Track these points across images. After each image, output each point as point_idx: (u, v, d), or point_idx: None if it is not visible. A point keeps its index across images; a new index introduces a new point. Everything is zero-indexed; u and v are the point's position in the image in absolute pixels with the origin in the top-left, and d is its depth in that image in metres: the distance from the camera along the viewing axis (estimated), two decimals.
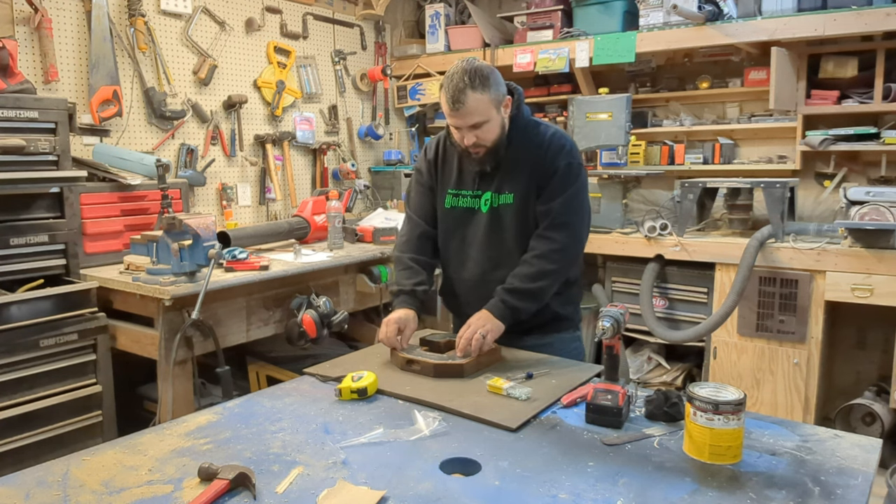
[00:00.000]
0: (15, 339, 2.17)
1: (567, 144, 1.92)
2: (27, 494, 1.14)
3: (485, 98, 1.79)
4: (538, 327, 1.98)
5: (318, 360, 1.88)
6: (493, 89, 1.80)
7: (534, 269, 1.85)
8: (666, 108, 4.06)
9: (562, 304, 2.00)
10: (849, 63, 3.32)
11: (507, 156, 1.91)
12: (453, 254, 2.04)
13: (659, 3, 3.55)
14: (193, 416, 1.49)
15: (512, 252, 1.93)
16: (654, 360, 3.67)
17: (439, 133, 2.06)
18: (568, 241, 1.88)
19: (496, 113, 1.83)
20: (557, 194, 1.88)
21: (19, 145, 2.26)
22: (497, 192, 1.94)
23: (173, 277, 2.29)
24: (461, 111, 1.79)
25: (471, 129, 1.82)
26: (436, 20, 4.39)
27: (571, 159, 1.90)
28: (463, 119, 1.81)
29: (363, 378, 1.58)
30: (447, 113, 1.83)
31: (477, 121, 1.81)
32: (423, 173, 2.09)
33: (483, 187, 1.95)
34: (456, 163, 2.01)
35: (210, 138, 3.44)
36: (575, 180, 1.89)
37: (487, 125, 1.83)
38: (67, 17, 2.88)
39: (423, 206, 2.09)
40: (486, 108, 1.80)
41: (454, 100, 1.78)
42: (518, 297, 1.84)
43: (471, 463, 1.26)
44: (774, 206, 3.17)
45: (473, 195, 1.97)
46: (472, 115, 1.79)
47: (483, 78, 1.78)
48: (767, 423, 1.43)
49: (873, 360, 3.46)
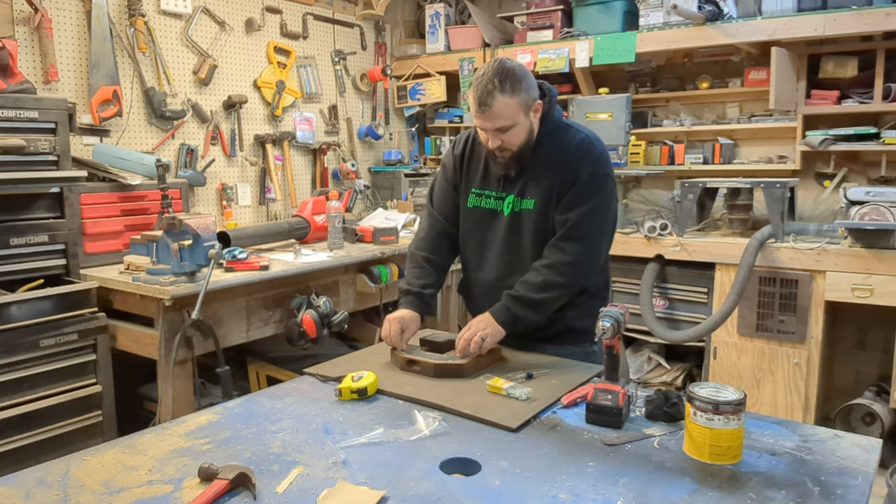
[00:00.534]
0: (15, 339, 2.17)
1: (595, 152, 1.84)
2: (27, 494, 1.14)
3: (513, 102, 1.73)
4: (552, 338, 1.92)
5: (318, 360, 1.88)
6: (524, 93, 1.75)
7: (540, 279, 1.80)
8: (666, 108, 4.06)
9: (578, 316, 1.90)
10: (849, 63, 3.32)
11: (534, 159, 1.85)
12: (472, 254, 2.00)
13: (659, 3, 3.55)
14: (193, 416, 1.49)
15: (528, 259, 1.87)
16: (654, 360, 3.67)
17: (469, 129, 2.01)
18: (581, 255, 1.81)
19: (524, 118, 1.78)
20: (578, 204, 1.80)
21: (19, 145, 2.26)
22: (520, 197, 1.88)
23: (173, 277, 2.29)
24: (487, 114, 1.74)
25: (497, 133, 1.77)
26: (436, 20, 4.39)
27: (597, 168, 1.82)
28: (490, 122, 1.76)
29: (363, 378, 1.58)
30: (474, 113, 1.78)
31: (503, 124, 1.76)
32: (449, 169, 2.03)
33: (508, 189, 1.90)
34: (483, 162, 1.95)
35: (210, 138, 3.44)
36: (598, 191, 1.81)
37: (514, 129, 1.77)
38: (67, 17, 2.88)
39: (446, 204, 2.04)
40: (514, 113, 1.75)
41: (481, 101, 1.73)
42: (521, 305, 1.80)
43: (471, 463, 1.26)
44: (774, 206, 3.17)
45: (497, 196, 1.92)
46: (499, 118, 1.74)
47: (514, 81, 1.72)
48: (767, 423, 1.43)
49: (873, 360, 3.46)
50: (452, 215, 2.03)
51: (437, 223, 2.04)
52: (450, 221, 2.03)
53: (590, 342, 1.93)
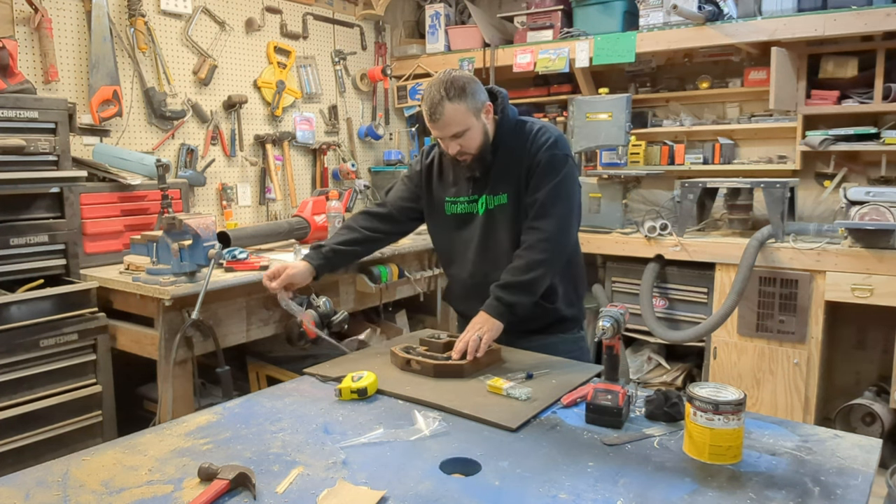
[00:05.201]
0: (15, 339, 2.17)
1: (551, 137, 1.94)
2: (27, 494, 1.14)
3: (461, 108, 1.83)
4: (542, 329, 2.01)
5: (318, 360, 1.88)
6: (470, 98, 1.85)
7: (524, 262, 1.87)
8: (666, 108, 4.06)
9: (566, 304, 2.03)
10: (849, 63, 3.32)
11: (497, 158, 1.95)
12: (455, 256, 2.09)
13: (659, 3, 3.55)
14: (193, 416, 1.49)
15: (505, 253, 1.95)
16: (654, 360, 3.67)
17: (435, 143, 2.09)
18: (554, 230, 1.89)
19: (476, 120, 1.88)
20: (543, 185, 1.90)
21: (19, 145, 2.26)
22: (492, 195, 1.97)
23: (173, 277, 2.29)
24: (439, 122, 1.85)
25: (452, 139, 1.88)
26: (436, 20, 4.39)
27: (556, 150, 1.93)
28: (443, 130, 1.87)
29: (363, 378, 1.58)
30: (428, 125, 1.88)
31: (456, 130, 1.86)
32: (414, 180, 2.15)
33: (478, 191, 1.99)
34: (451, 171, 2.05)
35: (210, 138, 3.44)
36: (559, 170, 1.91)
37: (468, 133, 1.87)
38: (67, 17, 2.88)
39: (397, 196, 2.17)
40: (464, 118, 1.85)
41: (432, 112, 1.84)
42: (511, 291, 1.85)
43: (471, 463, 1.26)
44: (774, 206, 3.17)
45: (469, 200, 2.02)
46: (451, 125, 1.85)
47: (459, 89, 1.82)
48: (767, 423, 1.43)
49: (873, 360, 3.46)
50: (397, 207, 2.15)
51: (376, 206, 2.20)
52: (390, 207, 2.16)
53: (578, 328, 2.08)
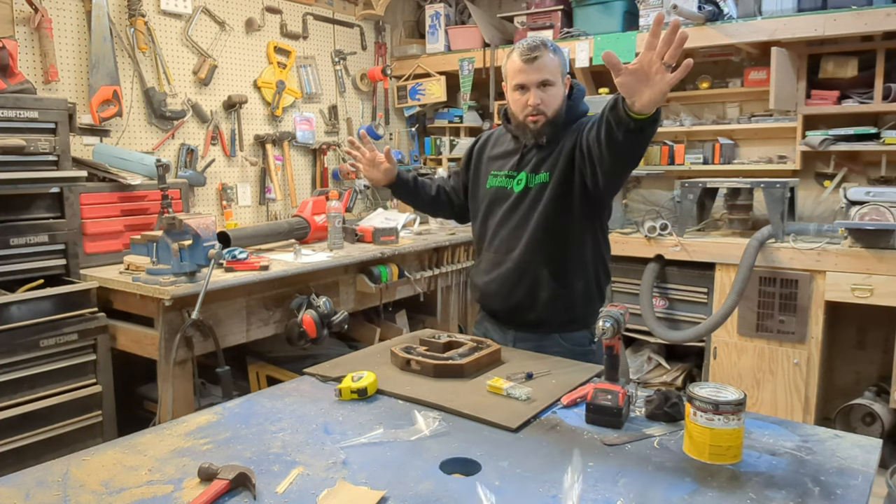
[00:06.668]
0: (15, 339, 2.17)
1: None
2: (27, 494, 1.14)
3: (557, 60, 1.87)
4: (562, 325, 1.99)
5: (318, 360, 1.88)
6: (562, 59, 1.90)
7: None
8: (666, 108, 4.05)
9: (585, 303, 1.99)
10: (849, 63, 3.32)
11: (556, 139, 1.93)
12: (487, 229, 2.07)
13: (659, 3, 3.55)
14: (193, 416, 1.49)
15: (536, 232, 1.92)
16: (654, 360, 3.67)
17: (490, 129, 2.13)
18: None
19: (561, 81, 1.90)
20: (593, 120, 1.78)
21: (19, 145, 2.26)
22: (534, 173, 1.95)
23: (173, 277, 2.29)
24: (535, 64, 1.84)
25: (539, 87, 1.87)
26: (436, 20, 4.39)
27: None
28: (536, 73, 1.84)
29: (363, 378, 1.58)
30: (518, 69, 1.87)
31: (547, 77, 1.86)
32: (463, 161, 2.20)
33: (521, 168, 1.98)
34: (503, 145, 2.06)
35: (210, 138, 3.44)
36: None
37: (553, 89, 1.88)
38: (67, 17, 2.88)
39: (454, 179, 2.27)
40: (556, 71, 1.87)
41: (530, 51, 1.83)
42: None
43: (471, 463, 1.25)
44: (774, 206, 3.17)
45: (508, 175, 2.01)
46: (544, 70, 1.85)
47: (555, 46, 1.89)
48: (767, 423, 1.42)
49: (873, 360, 3.46)
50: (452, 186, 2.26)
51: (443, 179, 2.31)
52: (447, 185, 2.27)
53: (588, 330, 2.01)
